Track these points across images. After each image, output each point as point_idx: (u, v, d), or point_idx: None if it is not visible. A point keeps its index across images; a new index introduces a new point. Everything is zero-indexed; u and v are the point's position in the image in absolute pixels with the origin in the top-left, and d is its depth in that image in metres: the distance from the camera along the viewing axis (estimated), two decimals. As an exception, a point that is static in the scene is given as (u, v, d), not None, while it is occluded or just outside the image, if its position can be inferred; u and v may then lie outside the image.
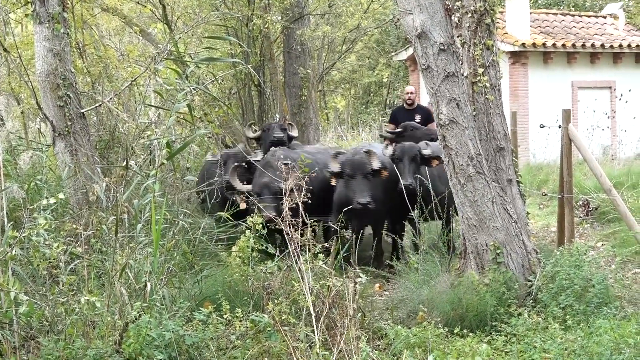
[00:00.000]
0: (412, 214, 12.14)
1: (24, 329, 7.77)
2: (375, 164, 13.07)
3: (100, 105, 13.01)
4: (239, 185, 12.56)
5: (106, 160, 12.24)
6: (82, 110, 11.89)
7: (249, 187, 12.43)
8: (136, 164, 9.54)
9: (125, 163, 10.14)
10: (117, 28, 21.73)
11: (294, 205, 8.80)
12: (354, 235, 11.16)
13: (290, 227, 8.49)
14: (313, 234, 9.86)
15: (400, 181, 12.89)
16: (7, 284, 7.21)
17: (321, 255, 8.43)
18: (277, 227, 8.99)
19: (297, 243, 8.32)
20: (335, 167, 13.06)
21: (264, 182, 12.42)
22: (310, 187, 10.16)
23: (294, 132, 16.38)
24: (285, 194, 9.00)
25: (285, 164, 11.07)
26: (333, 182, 12.90)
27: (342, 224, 11.21)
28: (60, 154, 11.58)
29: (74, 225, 8.99)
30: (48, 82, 11.57)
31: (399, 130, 15.80)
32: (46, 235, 7.71)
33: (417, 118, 16.26)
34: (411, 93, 17.32)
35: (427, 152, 13.16)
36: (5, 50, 14.06)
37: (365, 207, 12.51)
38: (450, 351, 8.69)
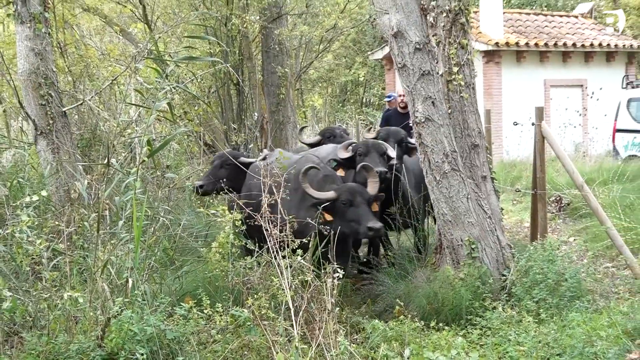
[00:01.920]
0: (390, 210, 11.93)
1: (7, 325, 7.75)
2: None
3: (81, 104, 12.98)
4: (317, 193, 10.19)
5: (88, 158, 12.21)
6: (64, 109, 11.87)
7: (332, 195, 10.11)
8: (117, 162, 9.51)
9: (106, 161, 10.12)
10: (98, 28, 21.68)
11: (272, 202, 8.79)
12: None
13: (269, 224, 8.49)
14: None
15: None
16: (-9, 280, 7.20)
17: (299, 251, 8.42)
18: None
19: (276, 239, 8.32)
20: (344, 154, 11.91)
21: (352, 188, 10.40)
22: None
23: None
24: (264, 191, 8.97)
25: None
26: (341, 172, 11.51)
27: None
28: (42, 152, 11.56)
29: (57, 222, 8.98)
30: (30, 81, 11.55)
31: (317, 138, 15.22)
32: (29, 232, 7.71)
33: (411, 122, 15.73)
34: (404, 96, 16.99)
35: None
36: (-13, 50, 14.01)
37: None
38: (427, 344, 8.71)
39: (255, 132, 20.04)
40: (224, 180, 11.41)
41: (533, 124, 12.43)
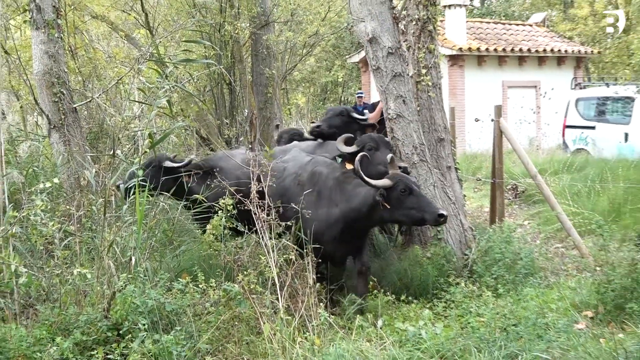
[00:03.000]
0: None
1: (23, 298, 7.74)
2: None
3: (90, 101, 12.93)
4: (374, 180, 8.87)
5: (95, 149, 12.16)
6: (74, 106, 11.82)
7: (389, 182, 8.84)
8: (122, 153, 9.47)
9: (112, 152, 10.08)
10: (105, 33, 21.57)
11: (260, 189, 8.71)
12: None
13: (257, 208, 8.44)
14: None
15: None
16: (9, 258, 7.21)
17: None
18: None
19: (264, 222, 8.29)
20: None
21: (405, 177, 9.05)
22: None
23: None
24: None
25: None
26: (349, 166, 9.84)
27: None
28: (55, 144, 11.53)
29: (67, 207, 8.95)
30: (44, 80, 11.52)
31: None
32: (43, 215, 7.68)
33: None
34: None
35: None
36: (6, 52, 13.98)
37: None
38: (397, 316, 8.72)
39: (245, 126, 20.00)
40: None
41: (492, 120, 12.45)
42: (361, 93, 20.85)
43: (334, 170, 9.66)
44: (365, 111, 12.62)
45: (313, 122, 12.68)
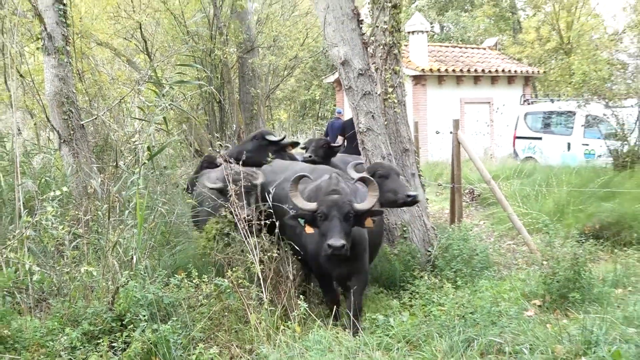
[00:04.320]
0: None
1: (37, 293, 7.71)
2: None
3: (96, 118, 12.88)
4: (301, 202, 7.99)
5: (101, 161, 12.09)
6: (82, 122, 11.77)
7: (314, 206, 7.82)
8: (124, 164, 9.43)
9: (115, 163, 10.10)
10: (109, 58, 21.48)
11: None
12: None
13: (238, 210, 8.40)
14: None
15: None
16: (24, 258, 7.19)
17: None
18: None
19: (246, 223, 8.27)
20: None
21: (333, 200, 7.80)
22: None
23: None
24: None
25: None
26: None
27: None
28: (64, 156, 11.49)
29: (76, 212, 8.90)
30: (55, 100, 11.48)
31: None
32: (54, 220, 7.66)
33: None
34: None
35: None
36: (21, 75, 13.92)
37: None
38: (368, 305, 8.72)
39: (233, 140, 19.91)
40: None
41: (451, 133, 12.49)
42: (340, 111, 20.97)
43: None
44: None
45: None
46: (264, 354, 6.13)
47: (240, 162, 9.29)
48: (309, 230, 7.90)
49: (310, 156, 11.54)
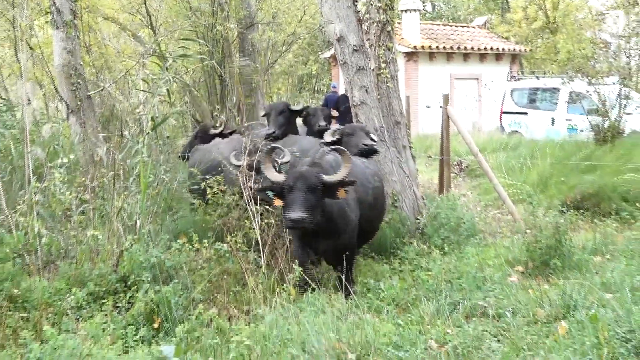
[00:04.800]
0: None
1: (45, 255, 7.71)
2: None
3: (102, 90, 12.88)
4: (271, 174, 7.61)
5: (107, 130, 12.09)
6: (89, 93, 11.79)
7: (282, 178, 7.42)
8: (129, 133, 9.40)
9: (120, 133, 10.09)
10: (115, 32, 21.41)
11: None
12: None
13: (246, 179, 8.39)
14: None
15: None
16: (33, 222, 7.21)
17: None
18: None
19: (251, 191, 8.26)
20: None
21: (300, 171, 7.40)
22: None
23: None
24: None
25: None
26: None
27: None
28: (72, 125, 11.50)
29: (83, 179, 8.92)
30: (63, 72, 11.49)
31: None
32: (61, 186, 7.68)
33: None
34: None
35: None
36: (31, 48, 13.92)
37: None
38: (360, 270, 8.75)
39: (233, 111, 19.89)
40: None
41: (441, 107, 12.48)
42: (335, 85, 20.93)
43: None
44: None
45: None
46: (261, 315, 6.15)
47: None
48: (277, 202, 7.50)
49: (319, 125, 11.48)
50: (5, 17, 14.24)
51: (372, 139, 10.08)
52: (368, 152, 9.46)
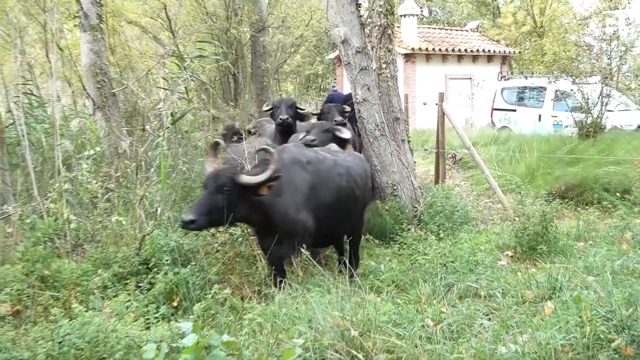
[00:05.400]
0: None
1: (73, 239, 7.75)
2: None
3: (125, 88, 12.84)
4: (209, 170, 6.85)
5: (130, 125, 12.06)
6: (113, 91, 11.76)
7: (259, 178, 6.53)
8: (150, 128, 9.42)
9: (143, 127, 10.10)
10: (137, 34, 21.38)
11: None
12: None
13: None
14: None
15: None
16: (62, 208, 7.24)
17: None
18: None
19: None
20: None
21: (215, 171, 6.79)
22: None
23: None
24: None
25: None
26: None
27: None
28: (98, 120, 11.49)
29: (108, 169, 8.93)
30: (90, 71, 11.47)
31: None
32: (88, 176, 7.69)
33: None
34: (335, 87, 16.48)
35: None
36: (60, 49, 13.90)
37: None
38: (362, 254, 8.75)
39: (246, 107, 19.88)
40: None
41: (437, 104, 12.46)
42: (334, 85, 20.93)
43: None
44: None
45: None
46: (271, 295, 6.16)
47: None
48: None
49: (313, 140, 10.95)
50: (37, 21, 14.21)
51: (343, 116, 10.91)
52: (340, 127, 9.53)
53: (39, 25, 14.21)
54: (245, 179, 6.48)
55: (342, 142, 9.08)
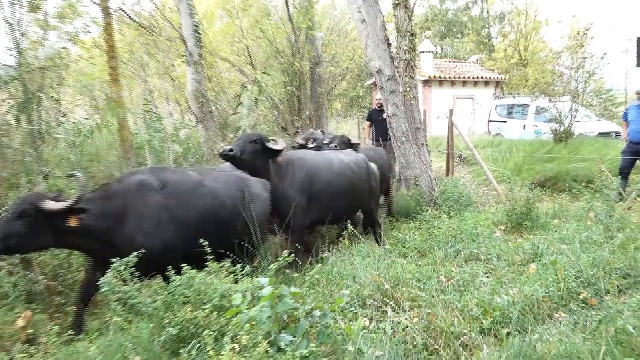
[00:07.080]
0: None
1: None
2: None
3: (219, 107, 12.97)
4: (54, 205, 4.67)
5: (222, 133, 12.19)
6: (210, 109, 11.89)
7: (60, 206, 4.65)
8: (234, 136, 9.50)
9: (232, 136, 10.17)
10: (227, 67, 21.61)
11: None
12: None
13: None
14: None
15: None
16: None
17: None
18: None
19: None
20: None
21: (24, 196, 5.24)
22: None
23: None
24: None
25: None
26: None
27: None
28: (199, 130, 11.64)
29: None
30: (193, 95, 11.63)
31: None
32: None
33: (384, 115, 13.46)
34: (379, 99, 16.28)
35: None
36: (172, 79, 14.13)
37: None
38: (392, 227, 8.72)
39: (306, 120, 19.91)
40: None
41: (447, 117, 12.32)
42: (379, 99, 20.84)
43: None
44: (384, 114, 11.22)
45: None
46: (327, 257, 6.18)
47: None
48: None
49: (335, 146, 9.04)
50: (156, 58, 14.44)
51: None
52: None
53: (157, 61, 14.42)
54: (50, 206, 4.63)
55: (274, 153, 6.84)
